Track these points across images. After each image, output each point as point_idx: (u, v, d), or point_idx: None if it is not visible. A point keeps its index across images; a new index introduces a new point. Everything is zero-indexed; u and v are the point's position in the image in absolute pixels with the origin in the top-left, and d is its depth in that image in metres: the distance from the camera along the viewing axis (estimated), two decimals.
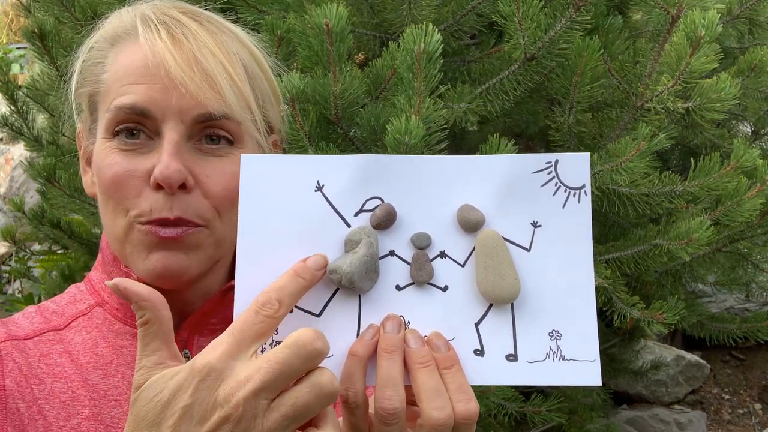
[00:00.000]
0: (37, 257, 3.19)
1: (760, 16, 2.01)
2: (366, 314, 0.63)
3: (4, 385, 0.76)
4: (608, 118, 1.65)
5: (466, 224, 0.64)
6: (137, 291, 0.56)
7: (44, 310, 0.86)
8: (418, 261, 0.64)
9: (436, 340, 0.62)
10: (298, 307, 0.62)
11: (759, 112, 2.49)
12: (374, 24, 1.77)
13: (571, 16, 1.43)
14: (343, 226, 0.63)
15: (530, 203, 0.64)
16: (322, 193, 0.64)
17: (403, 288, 0.64)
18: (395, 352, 0.60)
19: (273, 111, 0.89)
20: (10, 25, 6.66)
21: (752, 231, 1.84)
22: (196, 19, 0.83)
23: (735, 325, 2.30)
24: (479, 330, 0.63)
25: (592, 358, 0.63)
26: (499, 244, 0.63)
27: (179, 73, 0.76)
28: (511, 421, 1.96)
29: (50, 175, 2.11)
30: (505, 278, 0.63)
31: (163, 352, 0.56)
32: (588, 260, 0.64)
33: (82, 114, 0.87)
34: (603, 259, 1.70)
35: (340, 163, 0.64)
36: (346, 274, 0.61)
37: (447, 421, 0.58)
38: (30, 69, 5.31)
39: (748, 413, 3.75)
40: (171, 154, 0.76)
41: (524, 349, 0.63)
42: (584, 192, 0.64)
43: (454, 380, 0.60)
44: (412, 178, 0.64)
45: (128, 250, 0.80)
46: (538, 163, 0.64)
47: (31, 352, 0.80)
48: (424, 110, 1.28)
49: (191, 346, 0.84)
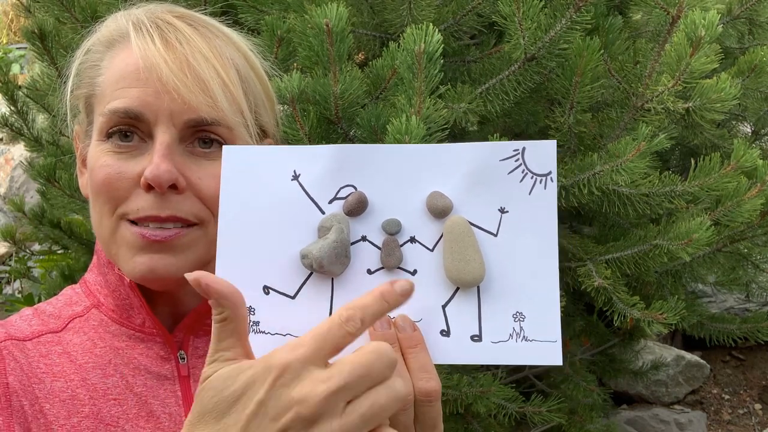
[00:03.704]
0: (37, 257, 3.19)
1: (760, 16, 2.01)
2: (338, 297, 0.65)
3: (7, 383, 0.77)
4: (608, 118, 1.65)
5: (435, 210, 0.66)
6: (218, 288, 0.55)
7: (41, 312, 0.87)
8: (388, 246, 0.66)
9: (402, 321, 0.64)
10: (274, 290, 0.65)
11: (759, 113, 2.49)
12: (374, 24, 1.77)
13: (572, 17, 1.43)
14: (318, 213, 0.66)
15: (498, 190, 0.66)
16: (298, 182, 0.67)
17: (373, 272, 0.66)
18: (393, 345, 0.63)
19: (266, 115, 0.89)
20: (10, 25, 6.66)
21: (752, 231, 1.84)
22: (191, 23, 0.83)
23: (735, 325, 2.30)
24: (446, 312, 0.66)
25: (554, 339, 0.65)
26: (465, 230, 0.65)
27: (171, 78, 0.76)
28: (511, 421, 1.96)
29: (50, 176, 2.11)
30: (471, 263, 0.65)
31: (237, 350, 0.56)
32: (553, 245, 0.66)
33: (79, 116, 0.88)
34: (603, 259, 1.70)
35: (315, 153, 0.67)
36: (316, 258, 0.64)
37: (407, 396, 0.60)
38: (30, 69, 5.31)
39: (748, 413, 3.75)
40: (161, 156, 0.77)
41: (488, 330, 0.65)
42: (550, 178, 0.66)
43: (416, 360, 0.63)
44: (384, 167, 0.67)
45: (114, 251, 0.81)
46: (505, 151, 0.66)
47: (30, 353, 0.81)
48: (424, 110, 1.28)
49: (187, 347, 0.85)
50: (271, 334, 0.65)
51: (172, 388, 0.83)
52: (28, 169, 2.22)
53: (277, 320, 0.65)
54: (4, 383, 0.77)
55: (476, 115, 1.55)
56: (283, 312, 0.65)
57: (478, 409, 1.83)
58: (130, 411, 0.80)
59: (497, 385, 1.84)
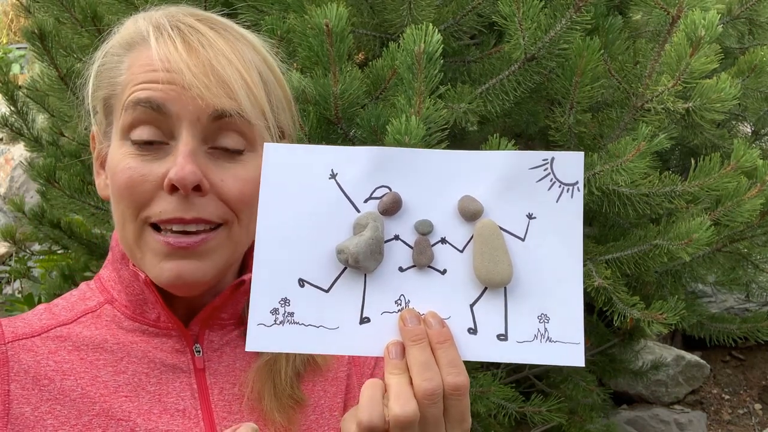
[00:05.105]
0: (37, 257, 3.19)
1: (760, 17, 2.01)
2: (370, 292, 0.69)
3: (8, 390, 0.77)
4: (608, 118, 1.65)
5: (466, 213, 0.69)
6: None
7: (53, 306, 0.87)
8: (420, 245, 0.69)
9: (431, 318, 0.68)
10: (309, 283, 0.69)
11: (759, 113, 2.49)
12: (374, 24, 1.77)
13: (572, 17, 1.43)
14: (353, 211, 0.70)
15: (526, 196, 0.69)
16: (335, 181, 0.70)
17: (405, 270, 0.70)
18: (423, 340, 0.66)
19: (285, 116, 0.90)
20: (10, 25, 6.66)
21: (752, 231, 1.84)
22: (212, 26, 0.83)
23: (735, 325, 2.30)
24: (474, 311, 0.69)
25: (577, 341, 0.68)
26: (495, 232, 0.69)
27: (194, 81, 0.77)
28: (511, 421, 1.96)
29: (50, 176, 2.10)
30: (499, 264, 0.68)
31: None
32: (578, 251, 0.69)
33: (97, 116, 0.88)
34: (603, 259, 1.70)
35: (353, 154, 0.70)
36: (352, 254, 0.67)
37: (436, 390, 0.64)
38: (30, 69, 5.32)
39: (748, 413, 3.75)
40: (186, 156, 0.77)
41: (514, 330, 0.68)
42: (577, 188, 0.69)
43: (445, 355, 0.66)
44: (419, 170, 0.70)
45: (139, 256, 0.81)
46: (535, 160, 0.69)
47: (39, 350, 0.81)
48: (424, 110, 1.28)
49: (202, 340, 0.85)
50: (305, 325, 0.69)
51: (187, 381, 0.83)
52: (28, 169, 2.22)
53: (311, 312, 0.69)
54: (5, 390, 0.77)
55: (476, 115, 1.55)
56: (317, 304, 0.69)
57: (478, 408, 1.83)
58: (142, 405, 0.80)
59: (497, 385, 1.84)
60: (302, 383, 0.89)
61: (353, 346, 0.69)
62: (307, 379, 0.90)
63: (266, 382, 0.85)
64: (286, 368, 0.87)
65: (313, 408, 0.89)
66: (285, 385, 0.86)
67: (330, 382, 0.92)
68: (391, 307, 0.69)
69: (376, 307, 0.69)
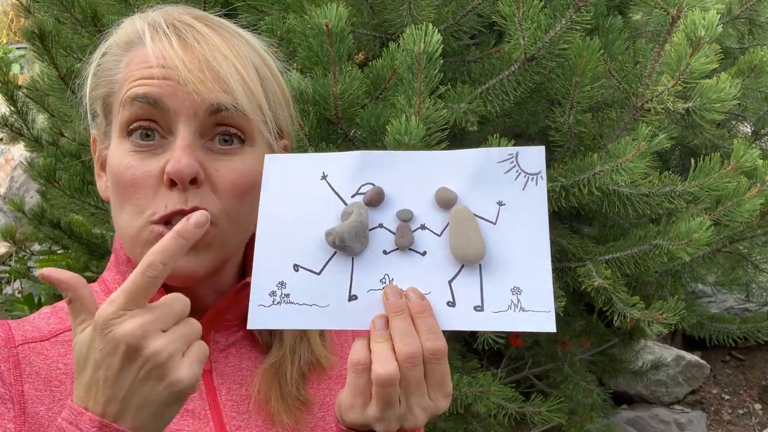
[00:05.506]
0: (37, 257, 3.19)
1: (760, 16, 2.01)
2: (357, 273, 0.76)
3: (22, 391, 0.77)
4: (608, 118, 1.65)
5: (443, 202, 0.77)
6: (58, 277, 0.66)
7: (59, 310, 0.87)
8: (401, 230, 0.76)
9: (411, 292, 0.74)
10: (302, 267, 0.76)
11: (759, 113, 2.49)
12: (374, 24, 1.77)
13: (571, 17, 1.43)
14: (342, 205, 0.77)
15: (496, 186, 0.77)
16: (326, 181, 0.78)
17: (389, 253, 0.76)
18: (404, 311, 0.72)
19: (283, 113, 0.90)
20: (10, 25, 6.66)
21: (752, 231, 1.84)
22: (208, 24, 0.84)
23: (735, 325, 2.30)
24: (452, 286, 0.75)
25: (548, 310, 0.73)
26: (468, 215, 0.76)
27: (190, 77, 0.78)
28: (511, 422, 1.96)
29: (50, 176, 2.10)
30: (472, 241, 0.75)
31: (89, 321, 0.66)
32: (545, 230, 0.76)
33: (97, 119, 0.89)
34: (603, 259, 1.70)
35: (341, 158, 0.79)
36: (338, 234, 0.74)
37: (415, 354, 0.70)
38: (30, 69, 5.32)
39: (748, 413, 3.76)
40: (183, 149, 0.78)
41: (489, 302, 0.74)
42: (540, 177, 0.76)
43: (424, 323, 0.72)
44: (400, 169, 0.78)
45: (138, 251, 0.81)
46: (502, 155, 0.77)
47: (48, 354, 0.81)
48: (424, 110, 1.28)
49: (208, 342, 0.85)
50: (299, 304, 0.75)
51: None
52: (28, 169, 2.22)
53: (305, 293, 0.75)
54: (20, 391, 0.77)
55: (476, 116, 1.55)
56: (310, 286, 0.76)
57: (478, 409, 1.83)
58: None
59: (497, 385, 1.84)
60: (307, 384, 0.90)
61: (343, 321, 0.75)
62: (312, 379, 0.91)
63: (272, 384, 0.86)
64: (291, 371, 0.87)
65: (320, 406, 0.90)
66: (291, 387, 0.87)
67: (334, 380, 0.93)
68: (376, 285, 0.75)
69: (363, 286, 0.75)
